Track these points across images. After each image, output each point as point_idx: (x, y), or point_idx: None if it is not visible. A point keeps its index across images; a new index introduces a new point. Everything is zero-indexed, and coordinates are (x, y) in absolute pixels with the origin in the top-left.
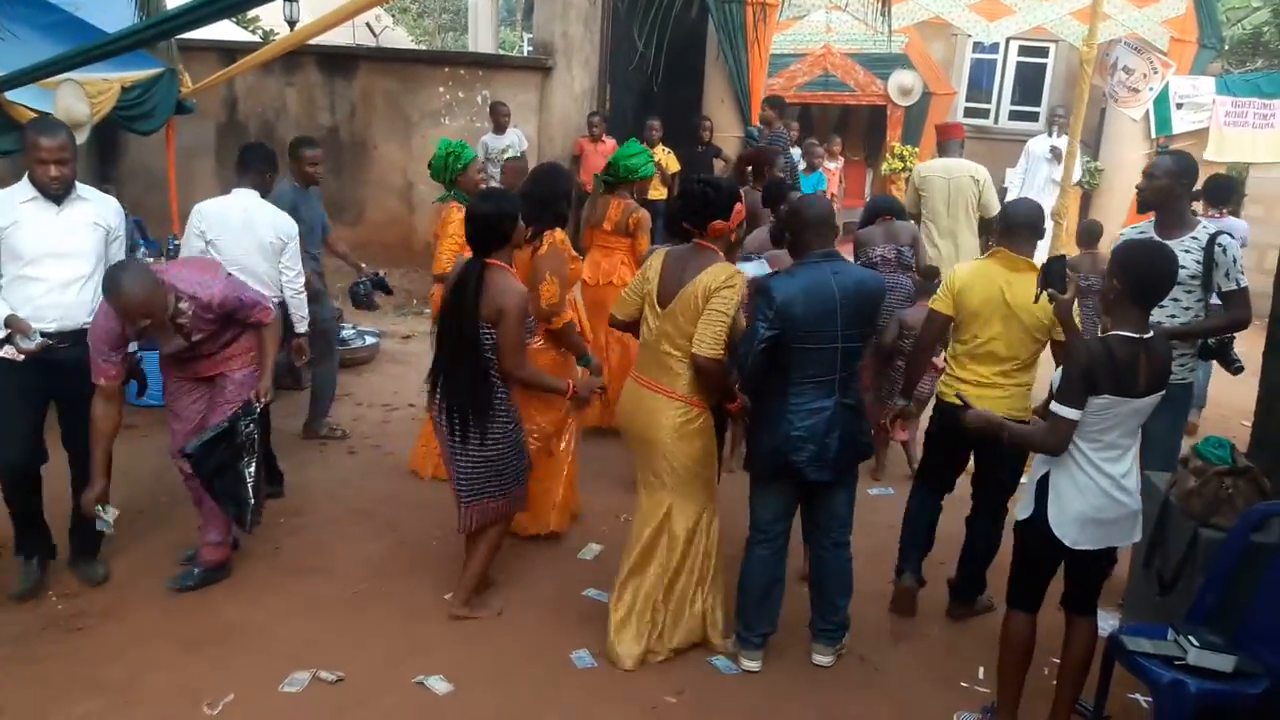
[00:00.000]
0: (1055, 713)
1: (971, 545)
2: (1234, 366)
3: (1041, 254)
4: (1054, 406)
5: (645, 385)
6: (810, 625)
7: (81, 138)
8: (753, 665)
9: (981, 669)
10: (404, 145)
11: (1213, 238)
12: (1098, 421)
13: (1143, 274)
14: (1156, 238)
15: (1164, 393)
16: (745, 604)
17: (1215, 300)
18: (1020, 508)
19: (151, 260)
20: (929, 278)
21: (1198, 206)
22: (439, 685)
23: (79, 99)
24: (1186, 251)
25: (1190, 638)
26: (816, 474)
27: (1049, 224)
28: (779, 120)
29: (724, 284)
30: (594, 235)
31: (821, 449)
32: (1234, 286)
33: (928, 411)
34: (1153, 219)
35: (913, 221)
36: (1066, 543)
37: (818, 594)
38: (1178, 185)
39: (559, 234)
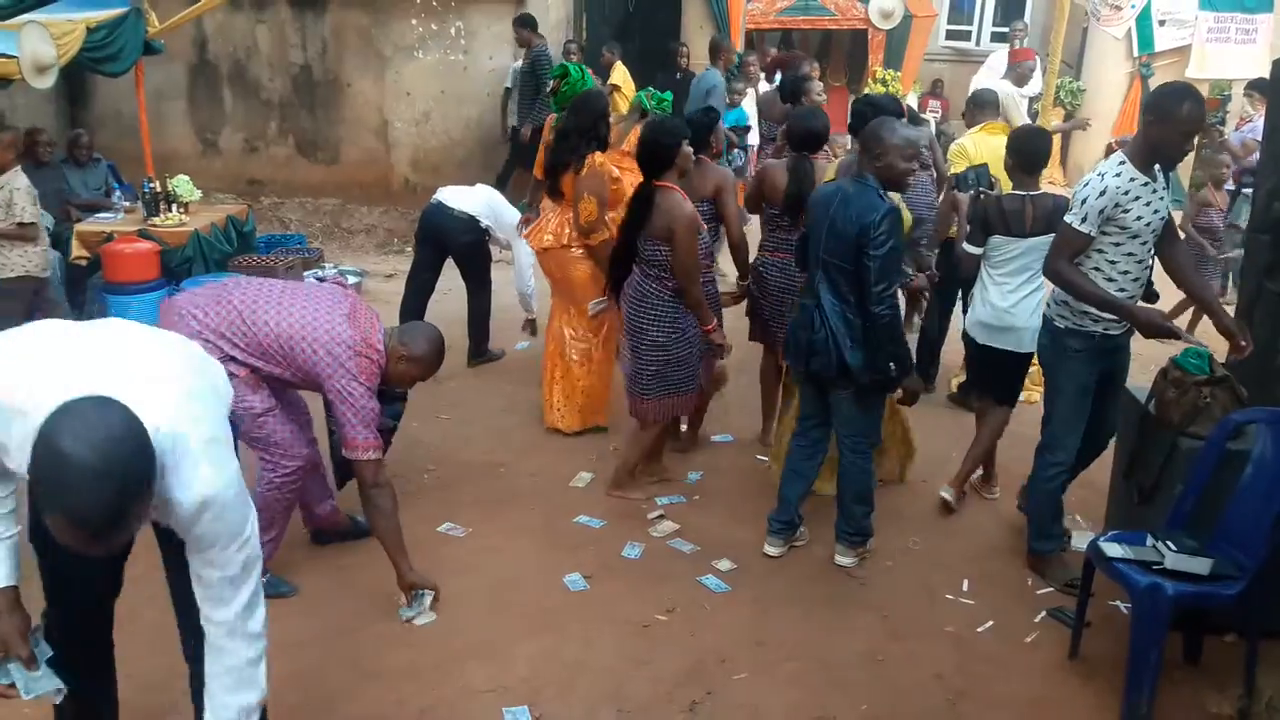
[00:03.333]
0: (958, 476)
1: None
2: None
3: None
4: (963, 245)
5: None
6: (835, 526)
7: (50, 81)
8: (771, 551)
9: (965, 581)
10: (378, 81)
11: None
12: (997, 254)
13: (1024, 149)
14: None
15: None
16: (779, 491)
17: None
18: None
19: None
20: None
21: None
22: (426, 616)
23: (44, 41)
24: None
25: (1168, 542)
26: (793, 362)
27: None
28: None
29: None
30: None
31: (797, 344)
32: None
33: None
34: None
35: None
36: (977, 339)
37: (839, 497)
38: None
39: (599, 157)
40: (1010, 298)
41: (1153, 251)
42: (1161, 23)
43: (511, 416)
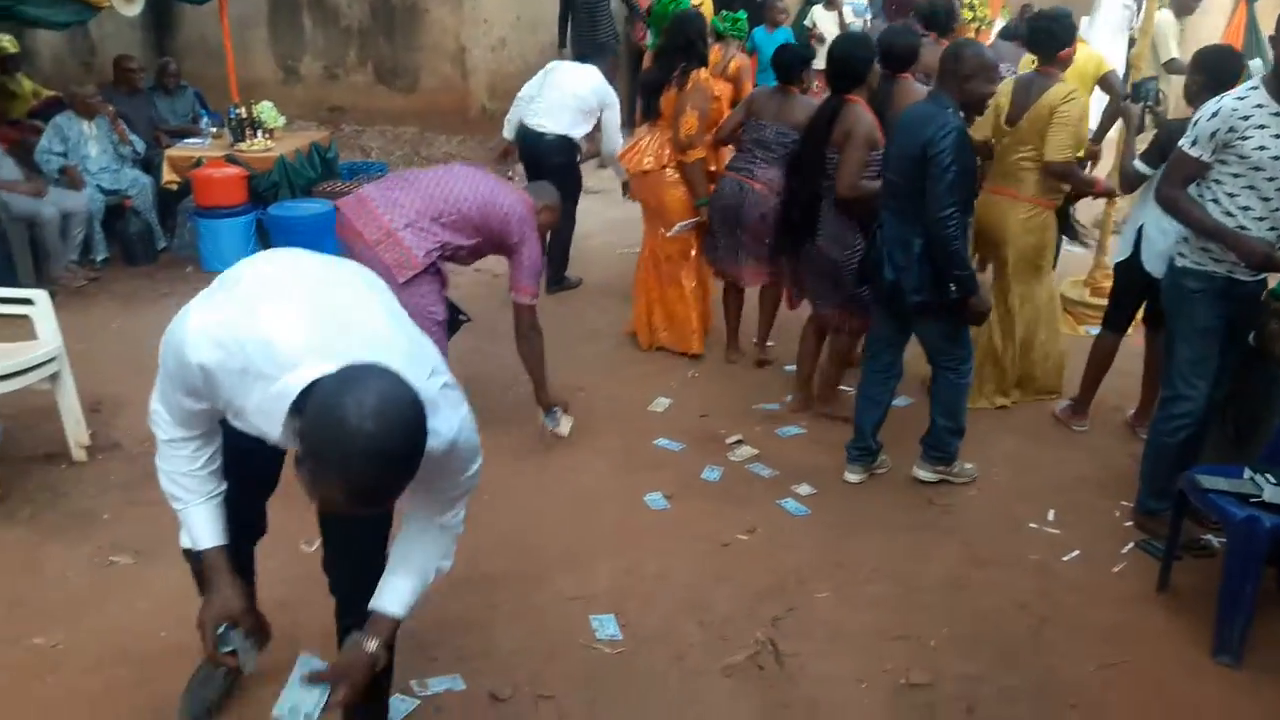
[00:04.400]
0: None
1: None
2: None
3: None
4: (1135, 163)
5: (996, 192)
6: (920, 440)
7: (137, 9)
8: (850, 478)
9: (1051, 511)
10: (455, 8)
11: None
12: None
13: (1219, 67)
14: None
15: None
16: (855, 419)
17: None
18: (1117, 252)
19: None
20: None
21: None
22: (566, 424)
23: None
24: None
25: (1267, 475)
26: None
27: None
28: None
29: (1064, 100)
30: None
31: (864, 266)
32: None
33: None
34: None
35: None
36: (1155, 274)
37: (930, 410)
38: None
39: (703, 73)
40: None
41: None
42: None
43: (590, 343)
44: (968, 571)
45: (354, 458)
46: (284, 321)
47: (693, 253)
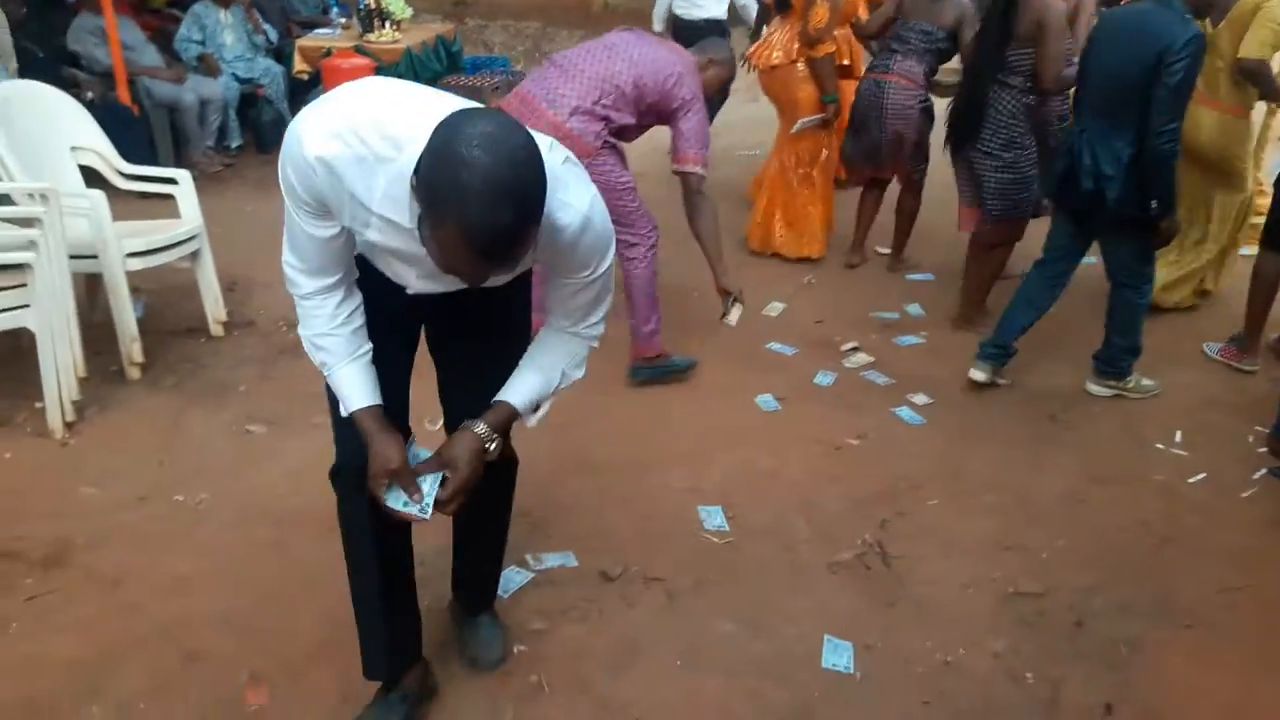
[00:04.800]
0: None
1: None
2: None
3: None
4: None
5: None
6: (1093, 354)
7: None
8: (977, 375)
9: (1179, 433)
10: None
11: None
12: None
13: None
14: None
15: None
16: (1003, 314)
17: None
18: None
19: None
20: None
21: None
22: (735, 313)
23: None
24: None
25: None
26: (1050, 191)
27: None
28: None
29: None
30: None
31: (1055, 172)
32: None
33: None
34: None
35: None
36: None
37: (1106, 326)
38: None
39: None
40: None
41: None
42: None
43: None
44: (1087, 488)
45: (469, 191)
46: (396, 104)
47: (825, 153)
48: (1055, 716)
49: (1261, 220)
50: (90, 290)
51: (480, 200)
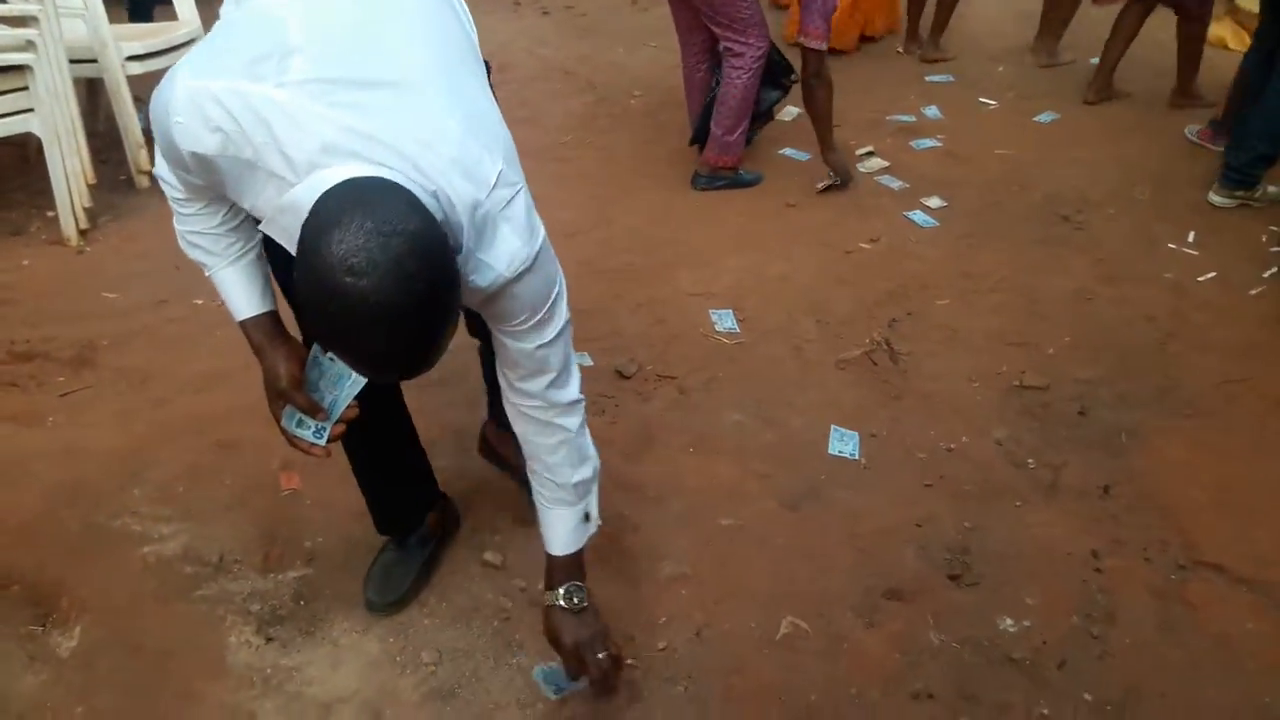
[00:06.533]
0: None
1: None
2: None
3: None
4: None
5: None
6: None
7: None
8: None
9: (1192, 233)
10: None
11: None
12: None
13: None
14: None
15: None
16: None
17: None
18: None
19: None
20: None
21: None
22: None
23: None
24: None
25: None
26: None
27: None
28: None
29: None
30: None
31: None
32: None
33: None
34: None
35: None
36: None
37: (1241, 133)
38: None
39: None
40: None
41: None
42: None
43: None
44: (1096, 286)
45: (351, 329)
46: (296, 91)
47: None
48: (1054, 497)
49: None
50: (92, 97)
51: (365, 336)
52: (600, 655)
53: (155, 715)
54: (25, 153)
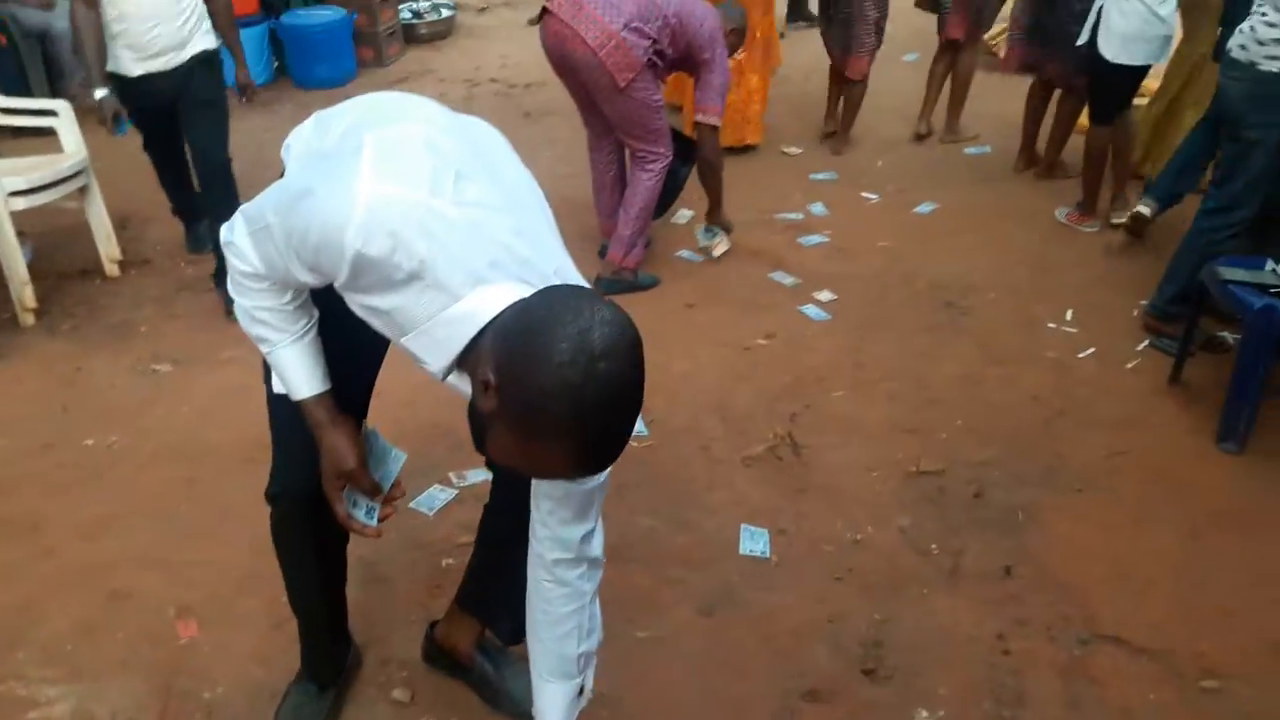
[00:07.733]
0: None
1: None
2: None
3: None
4: None
5: None
6: None
7: None
8: (1144, 209)
9: (1070, 311)
10: None
11: None
12: None
13: None
14: None
15: None
16: None
17: None
18: (1081, 36)
19: None
20: None
21: None
22: (723, 247)
23: None
24: None
25: None
26: None
27: None
28: None
29: None
30: None
31: None
32: None
33: None
34: None
35: None
36: (1109, 58)
37: None
38: None
39: None
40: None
41: None
42: None
43: None
44: (983, 369)
45: (591, 414)
46: (472, 210)
47: (758, 34)
48: (958, 582)
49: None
50: None
51: (615, 418)
52: None
53: None
54: None
